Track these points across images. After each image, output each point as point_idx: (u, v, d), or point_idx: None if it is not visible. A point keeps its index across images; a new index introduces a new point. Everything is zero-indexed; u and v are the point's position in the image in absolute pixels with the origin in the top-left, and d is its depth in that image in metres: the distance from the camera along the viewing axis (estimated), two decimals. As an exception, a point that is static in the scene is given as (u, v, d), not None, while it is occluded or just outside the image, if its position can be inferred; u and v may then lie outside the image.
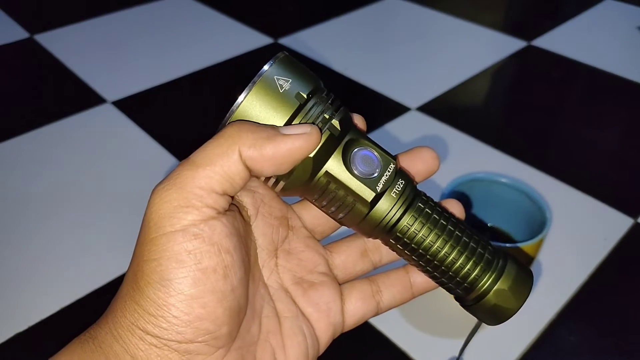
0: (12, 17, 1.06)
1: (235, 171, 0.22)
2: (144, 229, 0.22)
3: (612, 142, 0.77)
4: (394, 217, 0.24)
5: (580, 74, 0.93)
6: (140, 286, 0.21)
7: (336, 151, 0.23)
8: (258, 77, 0.22)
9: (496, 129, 0.80)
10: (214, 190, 0.21)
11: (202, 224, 0.21)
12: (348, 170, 0.23)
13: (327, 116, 0.23)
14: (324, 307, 0.27)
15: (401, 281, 0.29)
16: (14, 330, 0.51)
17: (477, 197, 0.53)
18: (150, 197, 0.22)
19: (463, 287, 0.25)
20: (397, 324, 0.51)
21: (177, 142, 0.74)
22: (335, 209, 0.25)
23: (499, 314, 0.25)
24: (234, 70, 0.91)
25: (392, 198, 0.24)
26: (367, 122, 0.27)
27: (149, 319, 0.21)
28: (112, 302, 0.23)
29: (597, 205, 0.65)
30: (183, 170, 0.21)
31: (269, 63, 0.23)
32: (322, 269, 0.28)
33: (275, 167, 0.22)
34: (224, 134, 0.22)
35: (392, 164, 0.24)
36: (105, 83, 0.87)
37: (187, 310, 0.21)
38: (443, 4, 1.13)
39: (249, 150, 0.21)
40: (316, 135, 0.22)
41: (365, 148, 0.24)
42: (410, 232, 0.24)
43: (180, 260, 0.21)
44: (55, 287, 0.55)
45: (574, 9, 1.13)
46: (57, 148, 0.74)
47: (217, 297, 0.21)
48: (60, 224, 0.62)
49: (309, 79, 0.23)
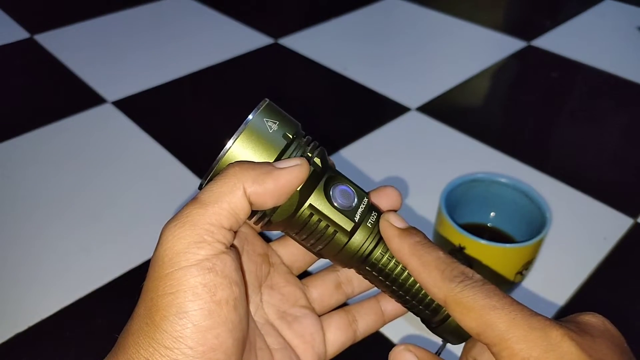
0: (12, 17, 1.06)
1: (240, 207, 0.23)
2: (157, 264, 0.22)
3: (612, 142, 0.77)
4: (370, 245, 0.26)
5: (580, 74, 0.93)
6: (155, 321, 0.22)
7: (318, 187, 0.26)
8: (248, 120, 0.24)
9: (496, 129, 0.80)
10: (223, 226, 0.23)
11: (214, 258, 0.22)
12: (329, 203, 0.26)
13: (309, 154, 0.25)
14: (309, 339, 0.28)
15: (373, 310, 0.31)
16: (14, 330, 0.51)
17: (477, 197, 0.53)
18: (162, 234, 0.23)
19: (431, 309, 0.27)
20: (397, 324, 0.52)
21: (177, 142, 0.74)
22: (315, 240, 0.26)
23: (461, 332, 0.27)
24: (234, 70, 0.91)
25: (368, 228, 0.26)
26: (366, 122, 0.28)
27: (165, 352, 0.21)
28: (121, 339, 0.23)
29: (597, 205, 0.65)
30: (193, 209, 0.23)
31: (258, 107, 0.25)
32: (303, 303, 0.29)
33: (276, 199, 0.24)
34: (228, 173, 0.23)
35: (366, 198, 0.27)
36: (105, 83, 0.87)
37: (202, 342, 0.21)
38: (443, 4, 1.13)
39: (252, 186, 0.23)
40: (307, 166, 0.24)
41: (343, 183, 0.26)
42: (384, 260, 0.27)
43: (197, 293, 0.22)
44: (55, 287, 0.55)
45: (574, 9, 1.13)
46: (57, 148, 0.74)
47: (228, 328, 0.22)
48: (60, 224, 0.62)
49: (292, 122, 0.26)
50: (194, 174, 0.69)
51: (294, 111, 0.28)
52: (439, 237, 0.50)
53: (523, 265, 0.47)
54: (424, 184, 0.66)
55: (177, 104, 0.84)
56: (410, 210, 0.63)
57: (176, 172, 0.69)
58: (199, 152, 0.72)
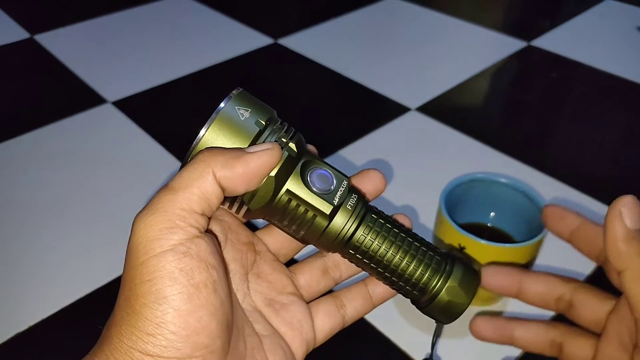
0: (12, 17, 1.06)
1: (210, 191, 0.23)
2: (132, 254, 0.22)
3: (612, 142, 0.77)
4: (351, 227, 0.27)
5: (580, 74, 0.93)
6: (135, 309, 0.22)
7: (294, 171, 0.26)
8: (219, 109, 0.25)
9: (496, 129, 0.80)
10: (194, 211, 0.23)
11: (188, 242, 0.22)
12: (307, 187, 0.26)
13: (284, 140, 0.26)
14: (297, 325, 0.29)
15: (362, 294, 0.31)
16: (14, 330, 0.51)
17: (476, 197, 0.53)
18: (134, 224, 0.23)
19: (418, 288, 0.28)
20: (396, 322, 0.52)
21: (177, 142, 0.75)
22: (297, 226, 0.27)
23: (451, 310, 0.28)
24: (234, 70, 0.91)
25: (348, 210, 0.26)
26: (366, 122, 0.28)
27: (148, 339, 0.21)
28: (105, 330, 0.23)
29: (597, 205, 0.65)
30: (163, 195, 0.23)
31: (229, 96, 0.25)
32: (290, 290, 0.30)
33: (247, 183, 0.24)
34: (197, 159, 0.24)
35: (345, 181, 0.27)
36: (105, 83, 0.87)
37: (184, 326, 0.21)
38: (443, 4, 1.13)
39: (221, 171, 0.23)
40: (278, 150, 0.24)
41: (320, 167, 0.27)
42: (366, 241, 0.27)
43: (174, 277, 0.22)
44: (55, 287, 0.55)
45: (574, 9, 1.13)
46: (57, 148, 0.74)
47: (209, 310, 0.22)
48: (60, 224, 0.62)
49: (264, 108, 0.26)
50: (194, 174, 0.68)
51: (294, 111, 0.28)
52: (438, 237, 0.50)
53: (523, 265, 0.47)
54: (424, 184, 0.66)
55: (177, 104, 0.84)
56: (410, 209, 0.63)
57: (176, 172, 0.69)
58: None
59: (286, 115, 0.29)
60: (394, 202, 0.63)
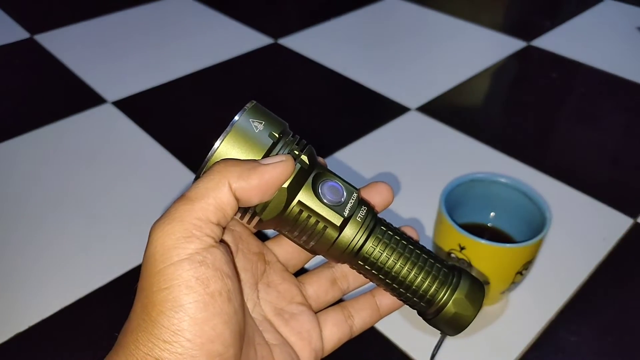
0: (12, 17, 1.06)
1: (226, 202, 0.24)
2: (149, 262, 0.23)
3: (611, 142, 0.77)
4: (360, 239, 0.27)
5: (580, 74, 0.93)
6: (152, 316, 0.22)
7: (306, 183, 0.26)
8: (234, 122, 0.25)
9: (496, 129, 0.80)
10: (210, 221, 0.23)
11: (204, 251, 0.23)
12: (318, 199, 0.26)
13: (296, 152, 0.26)
14: (305, 335, 0.29)
15: (369, 304, 0.32)
16: (14, 330, 0.51)
17: (476, 197, 0.53)
18: (151, 232, 0.23)
19: (425, 300, 0.28)
20: (398, 324, 0.52)
21: (177, 142, 0.75)
22: (307, 237, 0.27)
23: (458, 322, 0.28)
24: (234, 70, 0.91)
25: (358, 222, 0.27)
26: (366, 122, 0.28)
27: (164, 346, 0.22)
28: (121, 337, 0.23)
29: (597, 205, 0.65)
30: (180, 205, 0.23)
31: (243, 109, 0.26)
32: (299, 300, 0.30)
33: (261, 194, 0.24)
34: (213, 170, 0.24)
35: (355, 193, 0.27)
36: (105, 83, 0.87)
37: (200, 333, 0.22)
38: (443, 4, 1.13)
39: (237, 182, 0.24)
40: (291, 162, 0.25)
41: (331, 179, 0.27)
42: (375, 252, 0.27)
43: (190, 286, 0.22)
44: (55, 287, 0.55)
45: (574, 9, 1.13)
46: (57, 148, 0.74)
47: (223, 319, 0.23)
48: (60, 223, 0.62)
49: (278, 121, 0.26)
50: (194, 174, 0.69)
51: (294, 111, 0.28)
52: (439, 237, 0.50)
53: (523, 265, 0.47)
54: (424, 184, 0.66)
55: (177, 104, 0.84)
56: (410, 210, 0.63)
57: (176, 172, 0.69)
58: (199, 152, 0.72)
59: (286, 115, 0.29)
60: (394, 202, 0.63)
